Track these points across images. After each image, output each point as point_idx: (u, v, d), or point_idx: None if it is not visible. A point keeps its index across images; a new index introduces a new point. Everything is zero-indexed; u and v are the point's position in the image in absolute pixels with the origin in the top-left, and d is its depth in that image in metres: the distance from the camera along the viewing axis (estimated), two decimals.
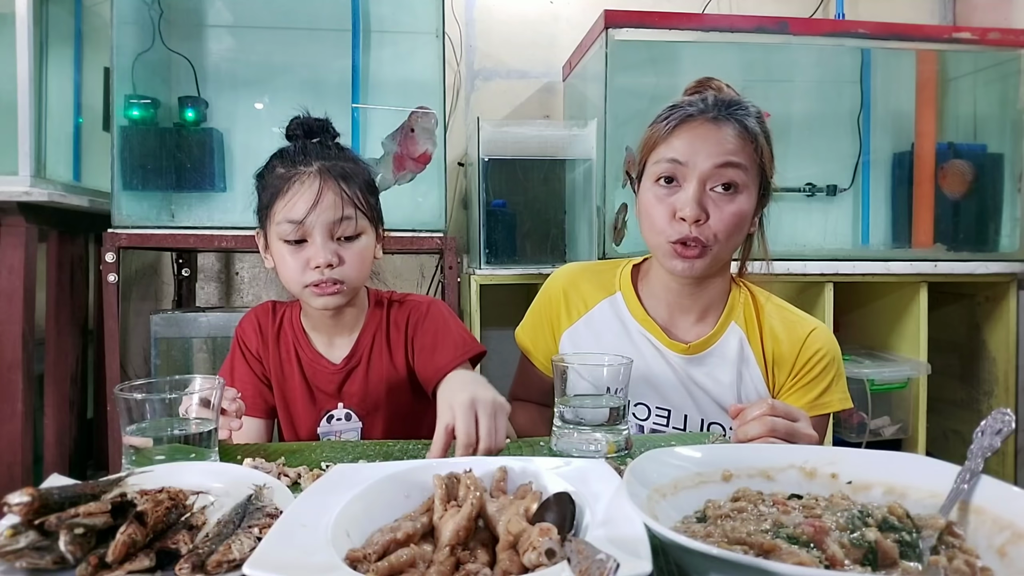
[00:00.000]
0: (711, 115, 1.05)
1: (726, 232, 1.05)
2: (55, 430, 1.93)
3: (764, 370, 1.14)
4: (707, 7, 2.56)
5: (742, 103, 1.08)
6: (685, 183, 1.05)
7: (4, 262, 1.79)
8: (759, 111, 1.09)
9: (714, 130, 1.04)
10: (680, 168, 1.05)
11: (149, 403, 0.81)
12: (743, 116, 1.06)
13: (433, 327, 1.21)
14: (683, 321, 1.17)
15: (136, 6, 2.04)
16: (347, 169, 1.10)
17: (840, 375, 1.14)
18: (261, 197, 1.13)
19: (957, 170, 2.34)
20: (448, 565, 0.53)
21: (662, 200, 1.06)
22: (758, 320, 1.16)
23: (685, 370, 1.15)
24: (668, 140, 1.07)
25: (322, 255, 1.06)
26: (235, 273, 2.57)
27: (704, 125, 1.05)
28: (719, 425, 1.14)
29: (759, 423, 0.83)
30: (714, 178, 1.04)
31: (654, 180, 1.08)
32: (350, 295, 1.13)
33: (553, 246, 2.12)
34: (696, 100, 1.08)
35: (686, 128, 1.06)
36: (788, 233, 2.45)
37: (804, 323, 1.15)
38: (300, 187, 1.07)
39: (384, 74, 2.23)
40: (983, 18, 2.60)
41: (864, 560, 0.53)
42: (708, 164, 1.03)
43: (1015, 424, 0.67)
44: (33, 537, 0.54)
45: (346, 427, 1.20)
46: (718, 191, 1.04)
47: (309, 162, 1.09)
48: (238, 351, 1.22)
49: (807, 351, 1.12)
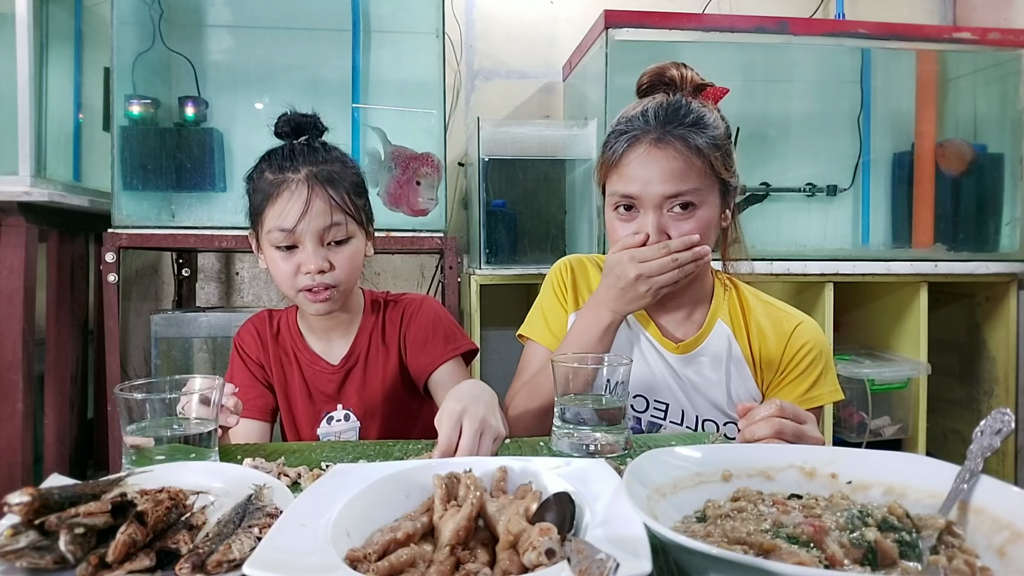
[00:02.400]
0: (654, 136, 1.05)
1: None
2: (55, 430, 1.93)
3: (752, 367, 1.15)
4: (707, 7, 2.56)
5: (685, 109, 1.07)
6: (642, 209, 1.07)
7: (4, 262, 1.79)
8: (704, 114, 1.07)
9: (658, 156, 1.04)
10: (633, 200, 1.07)
11: (149, 403, 0.81)
12: (686, 132, 1.04)
13: (424, 322, 1.22)
14: (671, 319, 1.19)
15: (136, 6, 2.04)
16: (334, 173, 1.10)
17: (829, 368, 1.15)
18: (251, 201, 1.13)
19: (956, 149, 2.33)
20: (448, 565, 0.53)
21: (623, 226, 1.09)
22: (744, 317, 1.17)
23: (676, 368, 1.16)
24: (618, 168, 1.08)
25: (313, 261, 1.07)
26: (235, 273, 2.57)
27: (649, 151, 1.05)
28: (712, 422, 1.16)
29: (767, 424, 0.83)
30: (668, 203, 1.05)
31: (612, 208, 1.10)
32: (342, 298, 1.14)
33: (553, 246, 2.12)
34: (637, 117, 1.08)
35: (633, 154, 1.06)
36: (788, 233, 2.45)
37: (790, 318, 1.16)
38: (289, 195, 1.07)
39: (384, 74, 2.23)
40: (983, 18, 2.60)
41: (864, 560, 0.53)
42: (658, 194, 1.04)
43: (1015, 424, 0.67)
44: (33, 537, 0.54)
45: (345, 427, 1.20)
46: (676, 211, 1.06)
47: (297, 168, 1.09)
48: (238, 358, 1.23)
49: (794, 345, 1.13)
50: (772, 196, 2.41)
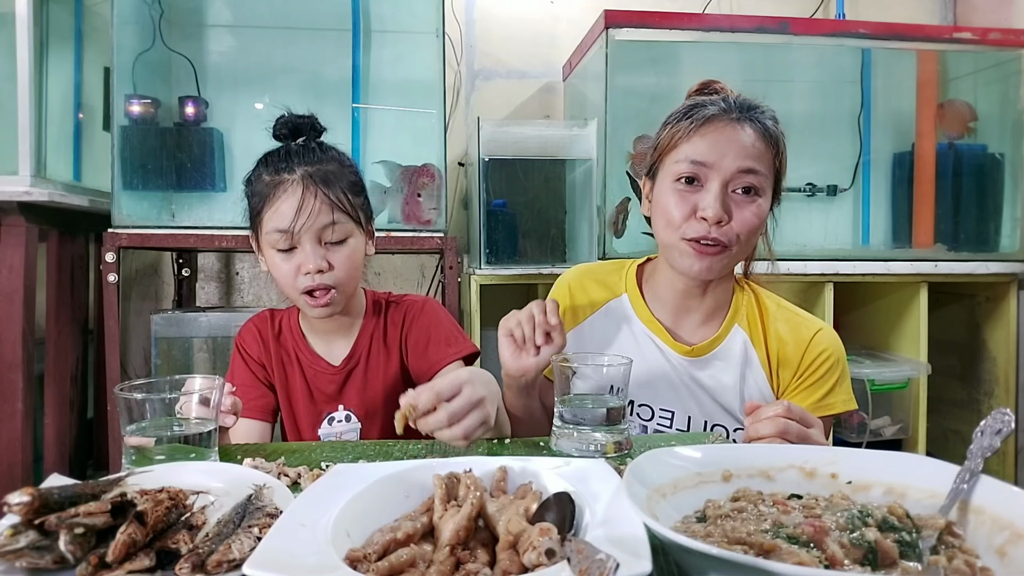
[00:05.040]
0: (733, 116, 1.05)
1: (747, 234, 1.05)
2: (55, 430, 1.92)
3: (768, 372, 1.14)
4: (707, 7, 2.56)
5: (761, 106, 1.08)
6: (707, 183, 1.04)
7: (4, 262, 1.79)
8: (775, 114, 1.09)
9: (737, 131, 1.04)
10: (703, 169, 1.04)
11: (149, 403, 0.81)
12: (763, 119, 1.06)
13: (426, 324, 1.22)
14: (688, 323, 1.17)
15: (136, 6, 2.04)
16: (330, 173, 1.10)
17: (844, 376, 1.14)
18: (250, 204, 1.14)
19: (956, 109, 2.32)
20: (448, 565, 0.53)
21: (684, 198, 1.06)
22: (762, 322, 1.16)
23: (688, 372, 1.14)
24: (690, 139, 1.06)
25: (312, 261, 1.07)
26: (235, 273, 2.57)
27: (728, 126, 1.05)
28: (722, 427, 1.14)
29: (772, 423, 0.83)
30: (736, 181, 1.04)
31: (674, 179, 1.07)
32: (344, 299, 1.14)
33: (553, 246, 2.12)
34: (717, 100, 1.08)
35: (709, 128, 1.05)
36: (788, 233, 2.45)
37: (809, 324, 1.15)
38: (285, 196, 1.07)
39: (384, 74, 2.23)
40: (983, 18, 2.59)
41: (864, 560, 0.53)
42: (732, 167, 1.03)
43: (1015, 424, 0.67)
44: (33, 537, 0.54)
45: (346, 428, 1.20)
46: (739, 193, 1.05)
47: (292, 168, 1.09)
48: (239, 358, 1.23)
49: (812, 352, 1.12)
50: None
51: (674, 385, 1.15)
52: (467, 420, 0.81)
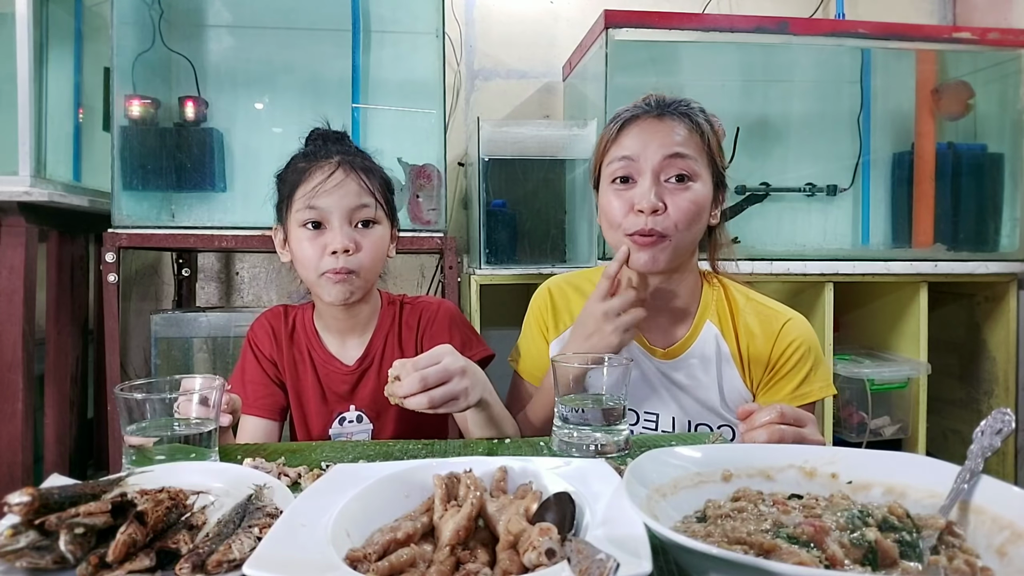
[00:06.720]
0: (654, 112, 1.10)
1: (685, 221, 1.07)
2: (55, 430, 1.92)
3: (741, 366, 1.15)
4: (707, 7, 2.56)
5: (685, 100, 1.12)
6: (639, 178, 1.08)
7: (4, 262, 1.79)
8: (702, 107, 1.13)
9: (659, 125, 1.08)
10: (632, 164, 1.08)
11: (149, 403, 0.80)
12: (686, 110, 1.10)
13: (442, 327, 1.23)
14: (658, 324, 1.17)
15: (136, 6, 2.03)
16: (367, 164, 1.15)
17: (819, 363, 1.14)
18: (281, 191, 1.16)
19: (953, 90, 2.30)
20: (448, 565, 0.53)
21: (621, 196, 1.09)
22: (732, 317, 1.17)
23: (665, 374, 1.15)
24: (618, 141, 1.10)
25: (339, 239, 1.08)
26: (235, 273, 2.57)
27: (649, 121, 1.09)
28: (706, 426, 1.15)
29: (767, 431, 0.83)
30: (667, 170, 1.07)
31: (610, 181, 1.11)
32: (363, 287, 1.14)
33: (553, 246, 2.12)
34: (639, 103, 1.13)
35: (632, 126, 1.10)
36: (788, 233, 2.45)
37: (778, 316, 1.16)
38: (321, 174, 1.10)
39: (384, 74, 2.23)
40: (983, 18, 2.59)
41: (864, 560, 0.53)
42: (658, 156, 1.06)
43: (1015, 424, 0.67)
44: (33, 537, 0.54)
45: (357, 429, 1.20)
46: (672, 183, 1.07)
47: (330, 154, 1.13)
48: (250, 354, 1.22)
49: (781, 343, 1.13)
50: (772, 196, 2.41)
51: (654, 388, 1.16)
52: (441, 392, 0.88)
